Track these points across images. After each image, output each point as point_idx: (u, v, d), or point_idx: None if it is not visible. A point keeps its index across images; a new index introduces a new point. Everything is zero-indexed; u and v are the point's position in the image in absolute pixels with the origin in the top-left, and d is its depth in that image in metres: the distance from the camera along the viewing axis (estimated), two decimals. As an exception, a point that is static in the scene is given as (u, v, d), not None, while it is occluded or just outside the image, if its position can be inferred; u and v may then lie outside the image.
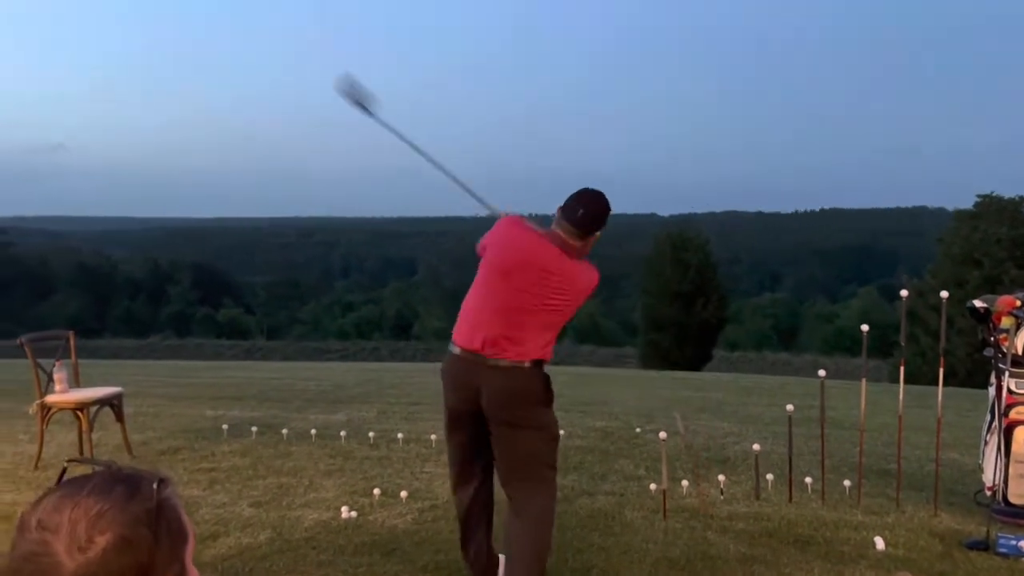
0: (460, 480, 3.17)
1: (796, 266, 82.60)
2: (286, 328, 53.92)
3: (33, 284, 56.68)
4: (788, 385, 11.45)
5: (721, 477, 4.80)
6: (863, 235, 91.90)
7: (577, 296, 2.99)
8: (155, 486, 1.01)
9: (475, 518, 3.18)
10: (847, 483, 4.62)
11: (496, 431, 2.97)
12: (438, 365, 3.18)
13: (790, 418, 4.50)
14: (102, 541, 0.95)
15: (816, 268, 78.92)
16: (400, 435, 6.01)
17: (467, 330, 2.98)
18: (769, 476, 4.79)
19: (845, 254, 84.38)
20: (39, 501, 0.99)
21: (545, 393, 2.98)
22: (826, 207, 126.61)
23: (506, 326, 2.91)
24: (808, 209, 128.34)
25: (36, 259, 62.11)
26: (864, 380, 4.78)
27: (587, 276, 2.99)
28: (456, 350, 3.01)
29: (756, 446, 4.84)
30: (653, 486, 4.60)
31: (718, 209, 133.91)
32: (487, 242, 3.06)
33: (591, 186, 3.01)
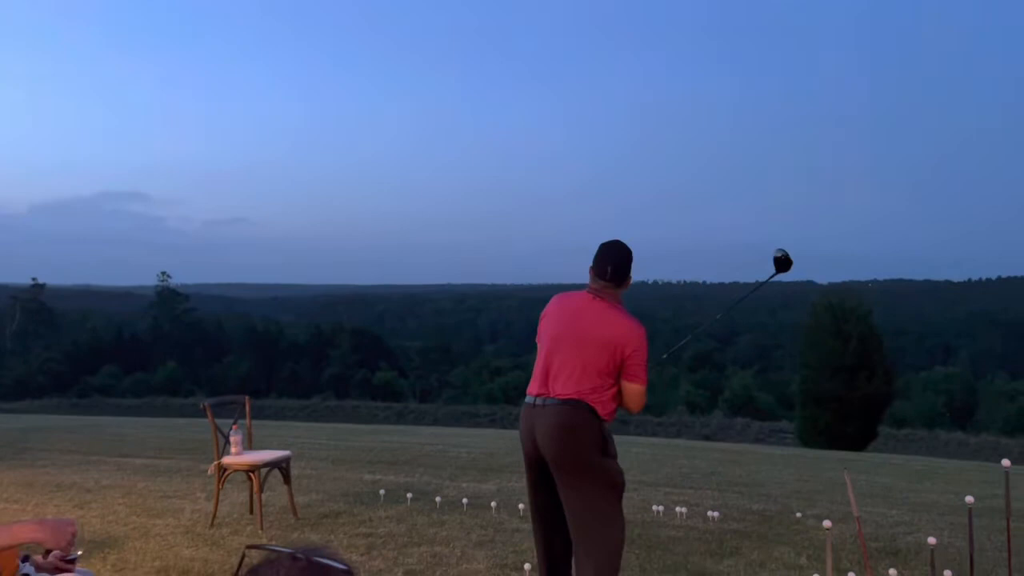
0: None
1: (970, 338, 76.69)
2: (437, 391, 55.29)
3: (210, 347, 61.35)
4: (967, 471, 10.57)
5: (892, 572, 4.47)
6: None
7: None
8: None
9: None
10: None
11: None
12: None
13: (971, 511, 4.15)
14: None
15: (994, 341, 72.92)
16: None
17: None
18: (947, 573, 4.42)
19: (1027, 326, 77.50)
20: None
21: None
22: (1004, 275, 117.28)
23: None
24: (983, 277, 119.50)
25: (213, 324, 67.26)
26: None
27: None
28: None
29: (932, 539, 4.48)
30: (816, 577, 4.35)
31: (881, 276, 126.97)
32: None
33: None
